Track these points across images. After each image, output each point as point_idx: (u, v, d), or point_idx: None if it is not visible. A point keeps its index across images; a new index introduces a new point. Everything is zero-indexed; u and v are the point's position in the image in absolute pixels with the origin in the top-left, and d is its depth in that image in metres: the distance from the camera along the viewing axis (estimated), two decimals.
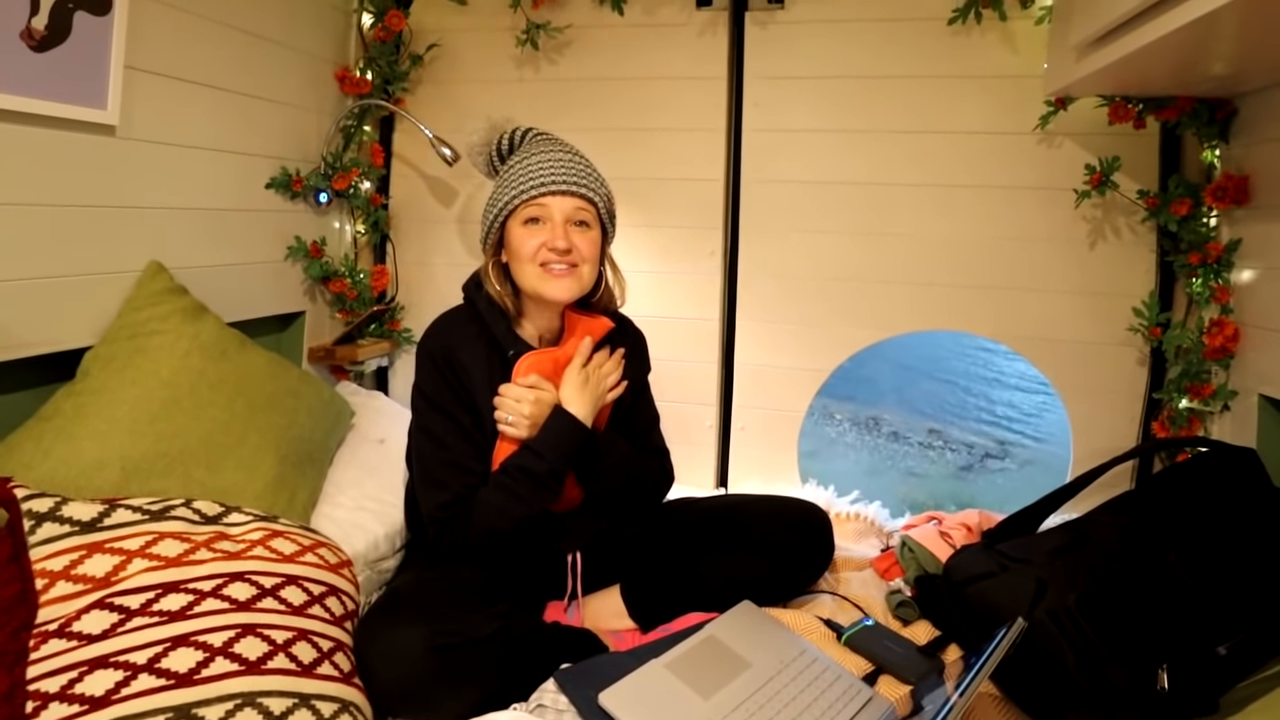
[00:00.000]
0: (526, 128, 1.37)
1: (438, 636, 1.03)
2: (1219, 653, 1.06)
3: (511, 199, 1.25)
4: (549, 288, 1.25)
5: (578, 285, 1.27)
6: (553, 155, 1.27)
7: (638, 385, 1.43)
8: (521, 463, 1.23)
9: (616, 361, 1.36)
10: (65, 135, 1.26)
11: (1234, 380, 1.57)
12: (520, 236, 1.25)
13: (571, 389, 1.27)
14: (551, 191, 1.24)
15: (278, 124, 1.76)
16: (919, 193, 1.79)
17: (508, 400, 1.25)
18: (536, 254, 1.24)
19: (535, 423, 1.24)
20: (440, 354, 1.27)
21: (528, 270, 1.25)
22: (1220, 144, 1.57)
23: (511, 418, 1.24)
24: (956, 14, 1.69)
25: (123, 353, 1.29)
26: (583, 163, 1.30)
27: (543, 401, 1.25)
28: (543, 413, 1.25)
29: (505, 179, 1.29)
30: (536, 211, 1.25)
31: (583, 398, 1.27)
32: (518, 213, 1.26)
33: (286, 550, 1.03)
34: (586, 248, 1.26)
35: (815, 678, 1.12)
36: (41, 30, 1.18)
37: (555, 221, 1.24)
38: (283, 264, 1.82)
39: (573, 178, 1.26)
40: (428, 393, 1.27)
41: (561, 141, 1.34)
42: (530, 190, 1.24)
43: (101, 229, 1.35)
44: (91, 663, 0.81)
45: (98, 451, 1.17)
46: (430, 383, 1.27)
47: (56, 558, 0.90)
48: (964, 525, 1.56)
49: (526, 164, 1.27)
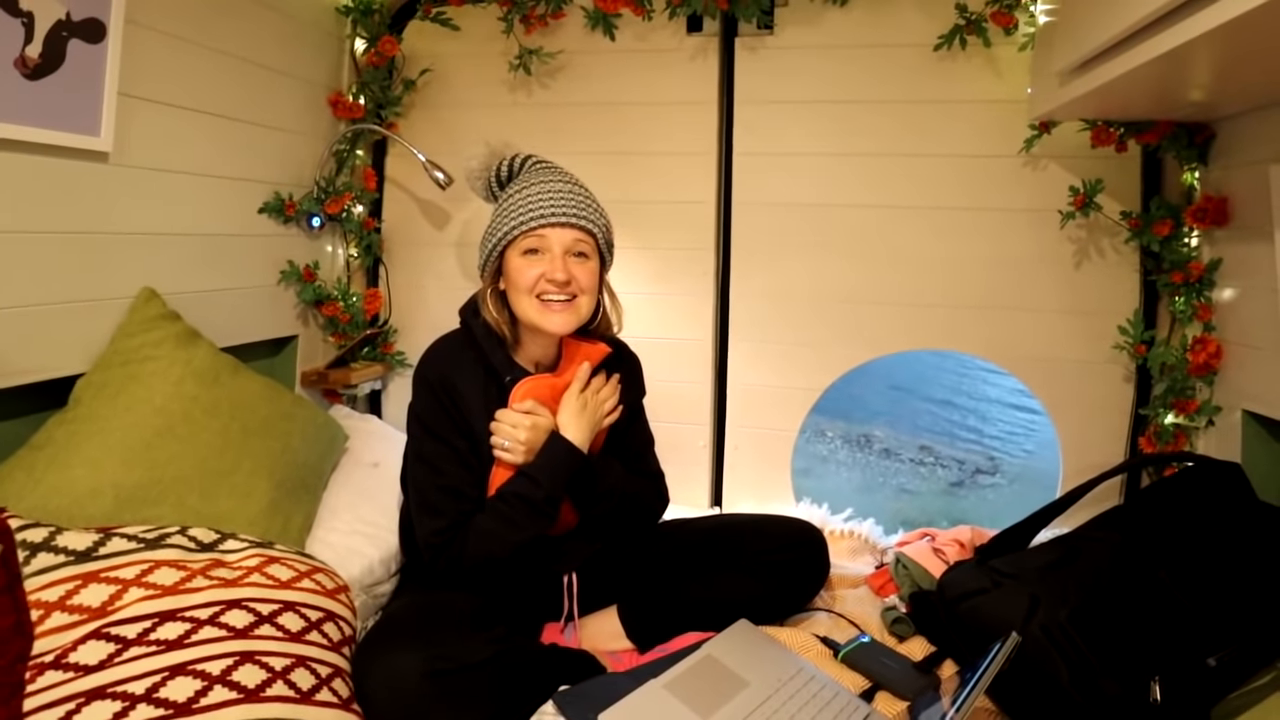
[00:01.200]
0: (526, 154, 1.37)
1: (434, 662, 1.03)
2: (1209, 665, 1.08)
3: (511, 229, 1.25)
4: (547, 321, 1.25)
5: (575, 318, 1.26)
6: (552, 185, 1.27)
7: (633, 409, 1.43)
8: (518, 489, 1.22)
9: (613, 387, 1.36)
10: (59, 162, 1.26)
11: (1218, 396, 1.59)
12: (519, 267, 1.25)
13: (569, 414, 1.27)
14: (551, 223, 1.24)
15: (271, 149, 1.77)
16: (907, 214, 1.82)
17: (504, 426, 1.24)
18: (535, 285, 1.24)
19: (532, 449, 1.24)
20: (437, 380, 1.26)
21: (525, 302, 1.25)
22: (1200, 166, 1.61)
23: (508, 443, 1.23)
24: (942, 40, 1.72)
25: (115, 380, 1.28)
26: (582, 193, 1.30)
27: (539, 427, 1.24)
28: (539, 439, 1.24)
29: (504, 208, 1.28)
30: (535, 243, 1.24)
31: (580, 423, 1.27)
32: (516, 243, 1.25)
33: (283, 576, 1.03)
34: (585, 279, 1.26)
35: (813, 695, 1.12)
36: (35, 58, 1.19)
37: (554, 253, 1.24)
38: (276, 288, 1.82)
39: (572, 209, 1.25)
40: (424, 419, 1.27)
41: (561, 170, 1.34)
42: (530, 221, 1.24)
43: (94, 255, 1.34)
44: (89, 694, 0.80)
45: (91, 479, 1.16)
46: (426, 409, 1.27)
47: (52, 588, 0.89)
48: (957, 541, 1.57)
49: (526, 194, 1.26)
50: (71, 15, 1.23)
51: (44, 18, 1.19)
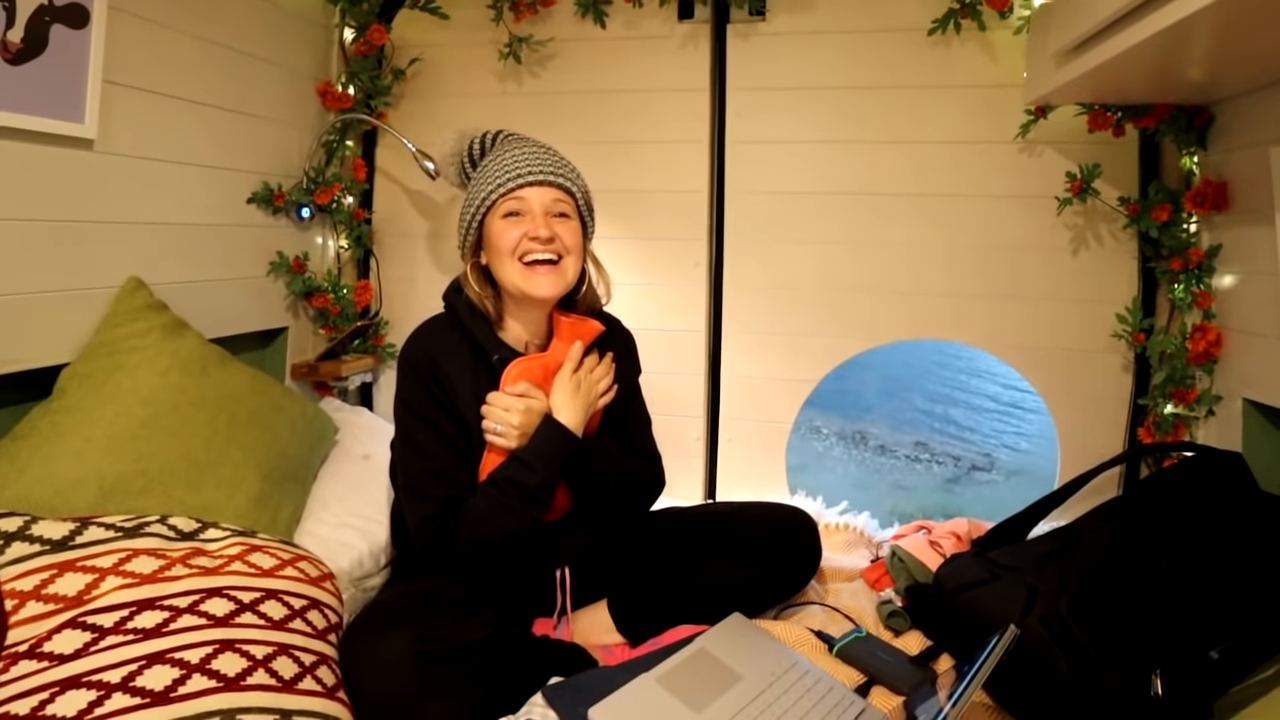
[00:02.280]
0: (497, 130, 1.36)
1: (424, 643, 1.01)
2: (1211, 657, 1.06)
3: (489, 193, 1.23)
4: (532, 285, 1.22)
5: (561, 281, 1.24)
6: (527, 149, 1.26)
7: (628, 388, 1.40)
8: (511, 474, 1.20)
9: (607, 366, 1.33)
10: (42, 149, 1.25)
11: (1218, 385, 1.58)
12: (500, 230, 1.23)
13: (563, 396, 1.25)
14: (529, 182, 1.22)
15: (259, 139, 1.75)
16: (901, 202, 1.81)
17: (496, 410, 1.22)
18: (518, 246, 1.22)
19: (525, 433, 1.21)
20: (423, 362, 1.24)
21: (509, 266, 1.22)
22: (1199, 150, 1.59)
23: (500, 428, 1.21)
24: (936, 24, 1.70)
25: (101, 370, 1.27)
26: (557, 155, 1.29)
27: (533, 410, 1.22)
28: (532, 422, 1.22)
29: (481, 176, 1.27)
30: (515, 205, 1.23)
31: (574, 405, 1.24)
32: (496, 207, 1.23)
33: (266, 565, 1.01)
34: (569, 238, 1.24)
35: (807, 689, 1.10)
36: (17, 43, 1.17)
37: (535, 213, 1.22)
38: (265, 280, 1.81)
39: (549, 168, 1.24)
40: (411, 403, 1.24)
41: (533, 139, 1.32)
42: (508, 183, 1.22)
43: (79, 244, 1.33)
44: (64, 683, 0.79)
45: (75, 470, 1.15)
46: (413, 392, 1.24)
47: (26, 577, 0.87)
48: (953, 534, 1.55)
49: (501, 159, 1.25)
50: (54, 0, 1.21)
51: (25, 2, 1.17)
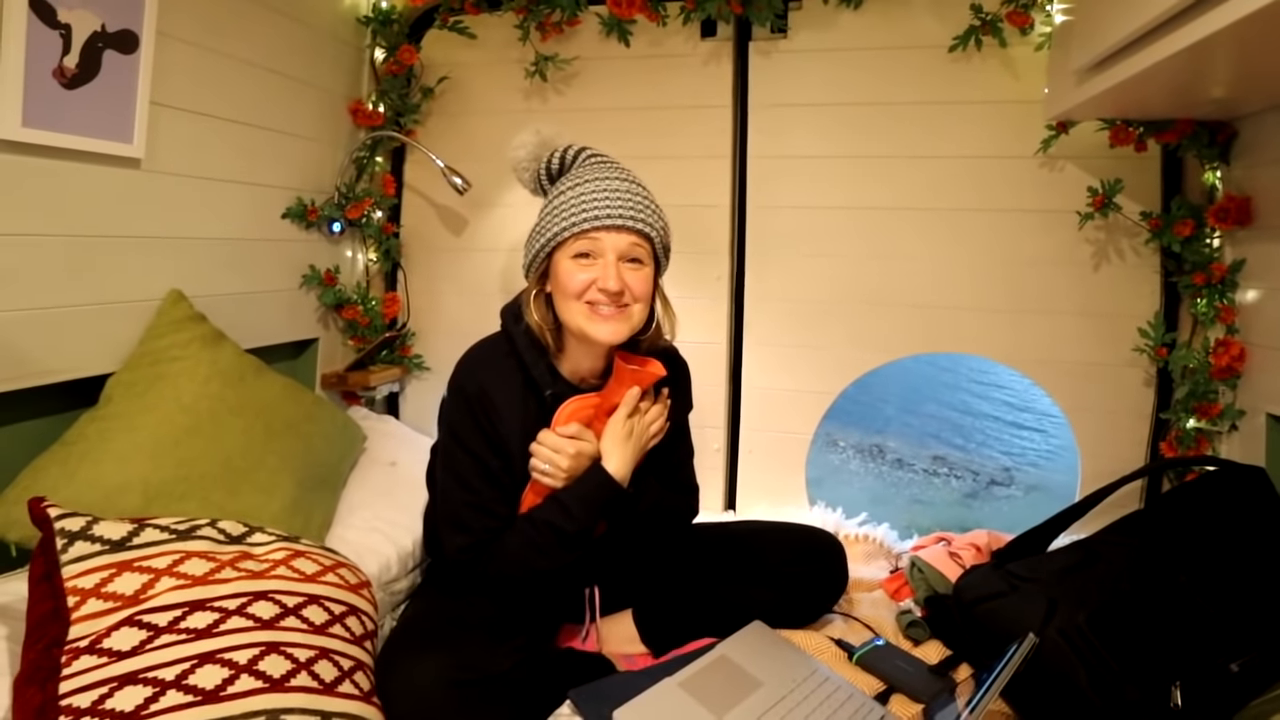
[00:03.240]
0: (580, 147, 1.29)
1: (457, 671, 1.03)
2: (1232, 670, 1.06)
3: (561, 230, 1.17)
4: (596, 330, 1.16)
5: (627, 327, 1.18)
6: (608, 184, 1.18)
7: (678, 425, 1.37)
8: (551, 518, 1.18)
9: (661, 407, 1.29)
10: (93, 169, 1.30)
11: (1241, 400, 1.57)
12: (568, 271, 1.16)
13: (613, 442, 1.21)
14: (605, 226, 1.15)
15: (293, 156, 1.81)
16: (923, 217, 1.82)
17: (545, 450, 1.18)
18: (585, 292, 1.16)
19: (572, 475, 1.19)
20: (474, 393, 1.20)
21: (574, 308, 1.17)
22: (1221, 165, 1.59)
23: (548, 468, 1.18)
24: (957, 41, 1.72)
25: (144, 379, 1.32)
26: (641, 192, 1.20)
27: (583, 454, 1.19)
28: (581, 466, 1.19)
29: (555, 206, 1.19)
30: (588, 246, 1.16)
31: (624, 453, 1.21)
32: (566, 245, 1.17)
33: (308, 570, 1.05)
34: (639, 287, 1.18)
35: (827, 696, 1.12)
36: (73, 68, 1.23)
37: (608, 259, 1.15)
38: (297, 292, 1.86)
39: (629, 211, 1.16)
40: (457, 431, 1.21)
41: (618, 166, 1.25)
42: (582, 223, 1.15)
43: (124, 258, 1.38)
44: (121, 679, 0.83)
45: (121, 475, 1.19)
46: (461, 423, 1.21)
47: (88, 575, 0.91)
48: (973, 545, 1.56)
49: (579, 191, 1.18)
50: (106, 27, 1.27)
51: (80, 29, 1.23)
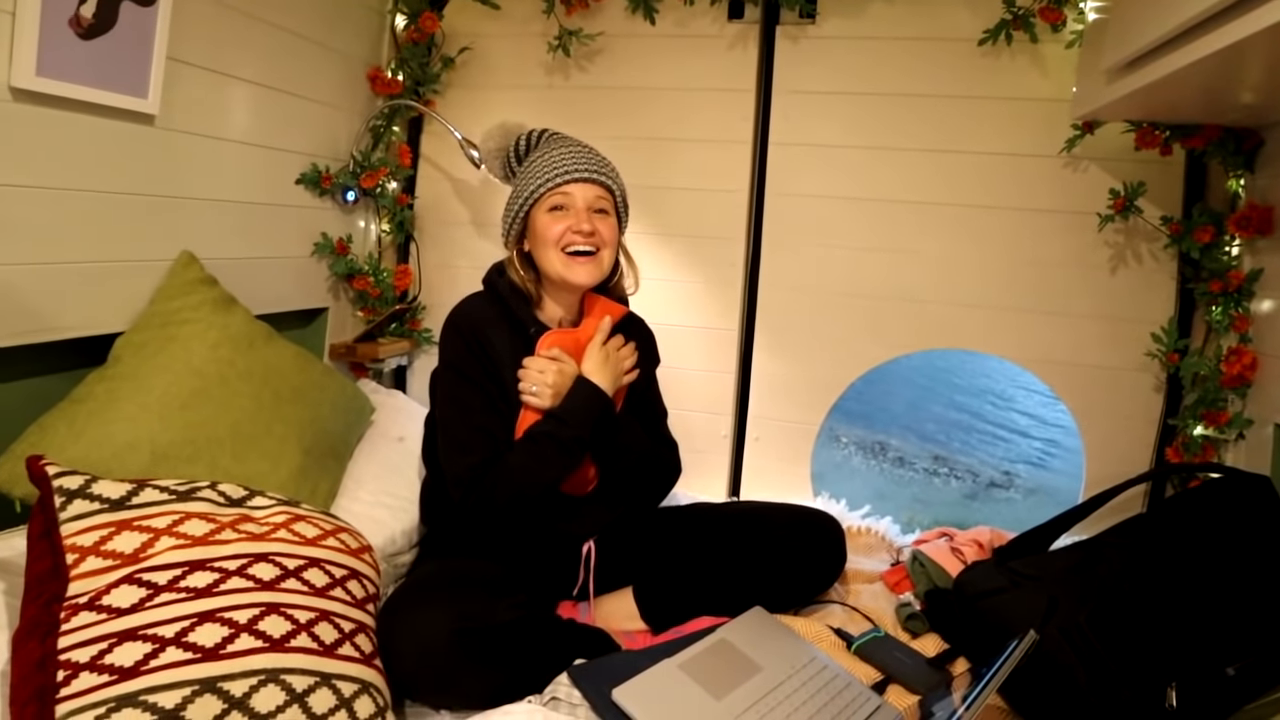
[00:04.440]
0: (542, 129, 1.43)
1: (461, 620, 1.06)
2: (1228, 674, 1.06)
3: (537, 187, 1.32)
4: (573, 273, 1.31)
5: (598, 270, 1.34)
6: (572, 148, 1.35)
7: (648, 375, 1.49)
8: (546, 429, 1.27)
9: (631, 349, 1.41)
10: (106, 123, 1.29)
11: (1250, 409, 1.57)
12: (545, 223, 1.31)
13: (594, 363, 1.33)
14: (575, 179, 1.31)
15: (309, 121, 1.79)
16: (942, 212, 1.81)
17: (531, 371, 1.30)
18: (562, 238, 1.30)
19: (558, 393, 1.29)
20: (467, 329, 1.33)
21: (552, 256, 1.31)
22: (1245, 174, 1.58)
23: (535, 388, 1.29)
24: (987, 35, 1.70)
25: (154, 340, 1.31)
26: (599, 154, 1.38)
27: (565, 373, 1.30)
28: (565, 383, 1.30)
29: (528, 171, 1.35)
30: (560, 199, 1.31)
31: (604, 371, 1.33)
32: (542, 201, 1.32)
33: (309, 534, 1.05)
34: (607, 232, 1.33)
35: (825, 683, 1.12)
36: (89, 18, 1.21)
37: (578, 207, 1.31)
38: (308, 260, 1.85)
39: (593, 167, 1.34)
40: (455, 364, 1.33)
41: (575, 139, 1.40)
42: (555, 178, 1.31)
43: (137, 217, 1.37)
44: (121, 635, 0.83)
45: (128, 435, 1.19)
46: (459, 356, 1.32)
47: (87, 534, 0.91)
48: (975, 542, 1.56)
49: (549, 156, 1.34)
50: None
51: None
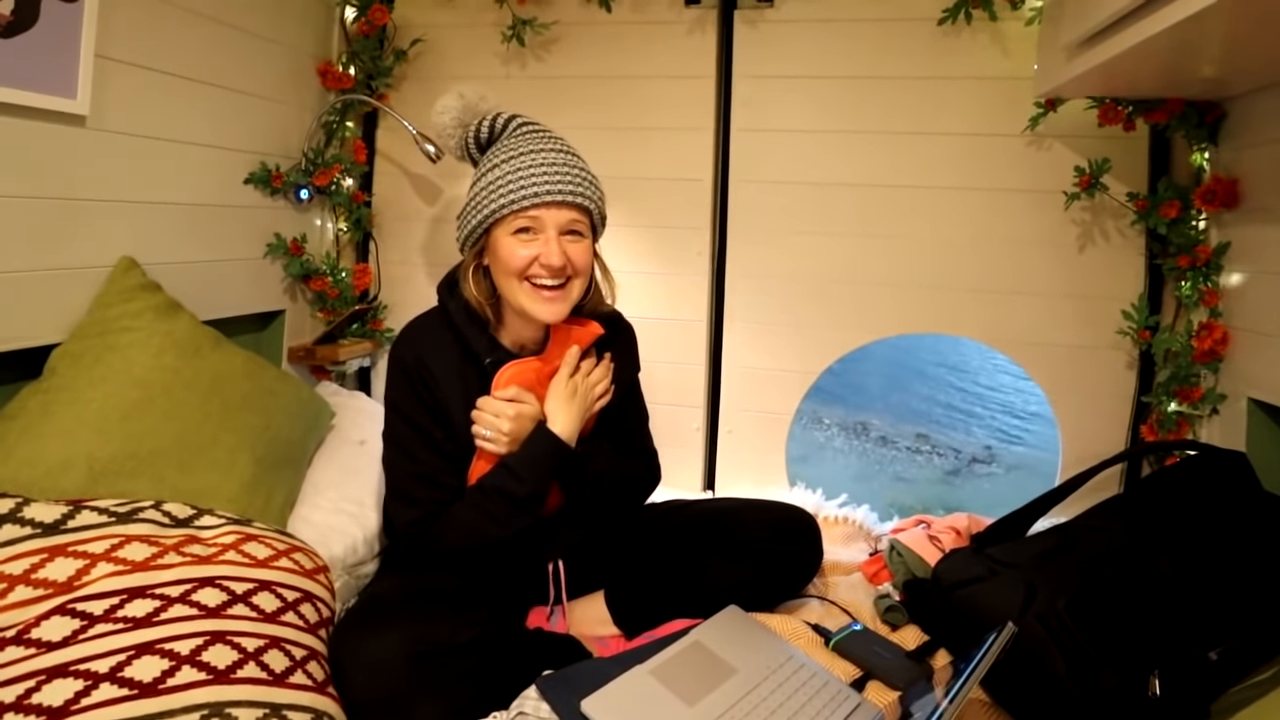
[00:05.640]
0: (510, 114, 1.28)
1: (417, 644, 1.00)
2: (1210, 658, 1.05)
3: (500, 207, 1.16)
4: (539, 309, 1.17)
5: (567, 304, 1.20)
6: (545, 157, 1.17)
7: (627, 385, 1.37)
8: (499, 484, 1.17)
9: (605, 369, 1.30)
10: (33, 125, 1.22)
11: (1223, 384, 1.56)
12: (509, 247, 1.16)
13: (557, 402, 1.21)
14: (546, 203, 1.15)
15: (257, 118, 1.72)
16: (907, 194, 1.78)
17: (486, 416, 1.18)
18: (527, 269, 1.16)
19: (516, 439, 1.18)
20: (411, 363, 1.21)
21: (514, 286, 1.17)
22: (1210, 147, 1.57)
23: (490, 434, 1.18)
24: (946, 14, 1.68)
25: (92, 350, 1.25)
26: (578, 164, 1.21)
27: (524, 416, 1.19)
28: (524, 428, 1.19)
29: (492, 180, 1.18)
30: (528, 223, 1.16)
31: (569, 412, 1.21)
32: (505, 221, 1.16)
33: (260, 555, 1.00)
34: (580, 260, 1.19)
35: (803, 683, 1.10)
36: (7, 15, 1.14)
37: (549, 234, 1.15)
38: (262, 261, 1.78)
39: (569, 186, 1.16)
40: (397, 403, 1.22)
41: (552, 136, 1.24)
42: (522, 200, 1.14)
43: (71, 223, 1.30)
44: (50, 671, 0.78)
45: (64, 451, 1.13)
46: (400, 393, 1.21)
47: (16, 561, 0.86)
48: (953, 529, 1.55)
49: (516, 165, 1.17)
50: None
51: None
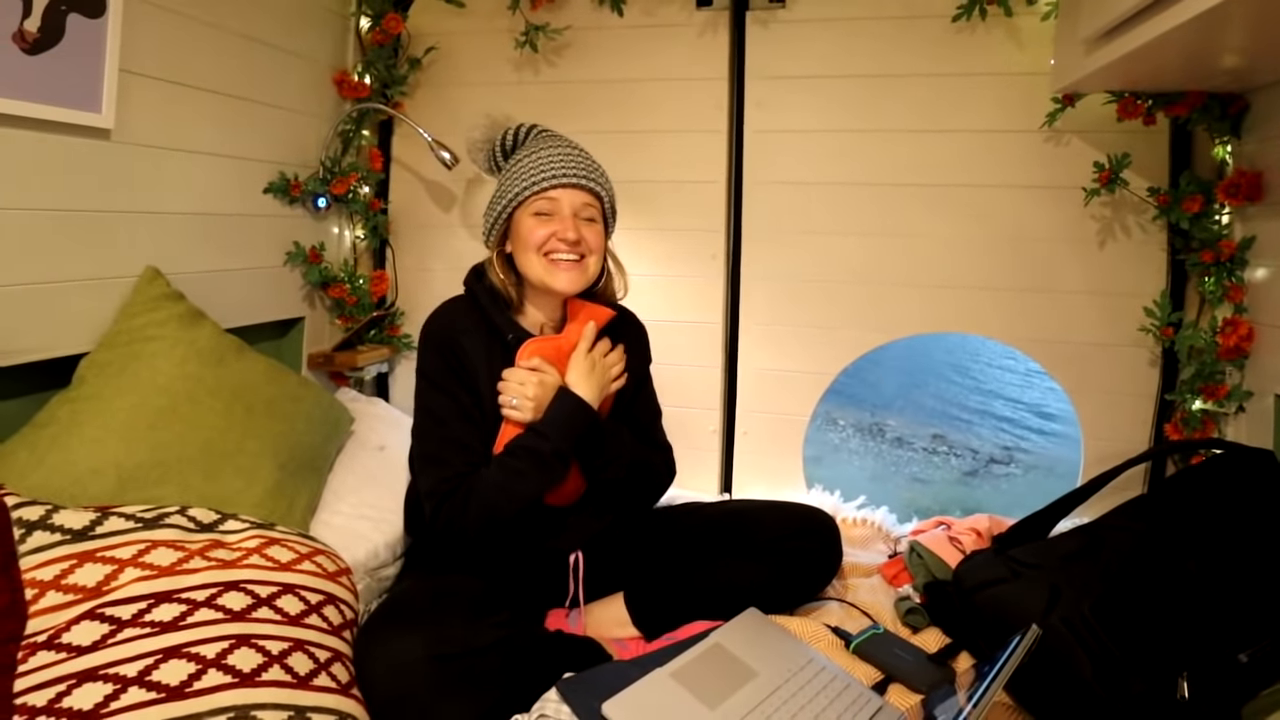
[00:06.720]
0: (530, 124, 1.36)
1: (439, 645, 1.01)
2: (1240, 660, 1.03)
3: (522, 190, 1.26)
4: (556, 279, 1.26)
5: (583, 277, 1.28)
6: (561, 150, 1.29)
7: (639, 377, 1.42)
8: (526, 443, 1.21)
9: (619, 354, 1.35)
10: (59, 139, 1.25)
11: (1249, 380, 1.54)
12: (529, 227, 1.26)
13: (578, 373, 1.27)
14: (562, 184, 1.25)
15: (275, 128, 1.75)
16: (924, 193, 1.77)
17: (511, 384, 1.24)
18: (545, 243, 1.25)
19: (539, 405, 1.23)
20: (441, 336, 1.28)
21: (535, 261, 1.26)
22: (1232, 139, 1.54)
23: (515, 400, 1.23)
24: (961, 11, 1.67)
25: (119, 359, 1.27)
26: (589, 158, 1.32)
27: (546, 384, 1.24)
28: (546, 395, 1.24)
29: (514, 172, 1.29)
30: (546, 205, 1.26)
31: (589, 382, 1.26)
32: (527, 204, 1.26)
33: (283, 558, 1.01)
34: (594, 240, 1.28)
35: (824, 686, 1.09)
36: (34, 33, 1.17)
37: (565, 214, 1.26)
38: (281, 269, 1.81)
39: (582, 172, 1.28)
40: (428, 373, 1.28)
41: (566, 138, 1.34)
42: (542, 182, 1.25)
43: (97, 234, 1.33)
44: (80, 675, 0.79)
45: (93, 459, 1.15)
46: (432, 364, 1.28)
47: (46, 567, 0.87)
48: (973, 530, 1.53)
49: (536, 157, 1.28)
50: None
51: None
